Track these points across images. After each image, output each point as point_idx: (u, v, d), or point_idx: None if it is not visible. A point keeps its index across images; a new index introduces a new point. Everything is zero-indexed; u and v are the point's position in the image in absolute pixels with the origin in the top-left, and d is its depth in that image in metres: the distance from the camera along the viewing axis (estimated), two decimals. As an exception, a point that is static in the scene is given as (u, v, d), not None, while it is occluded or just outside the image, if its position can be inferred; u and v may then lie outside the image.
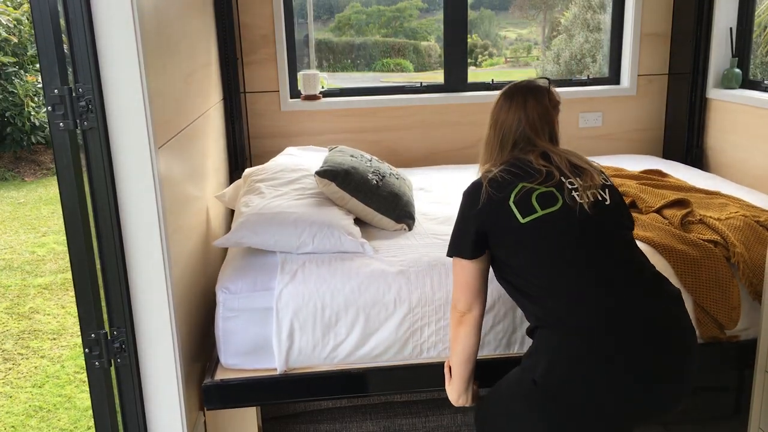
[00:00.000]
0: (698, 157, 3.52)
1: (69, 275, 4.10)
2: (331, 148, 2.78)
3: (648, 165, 3.22)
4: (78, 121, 1.57)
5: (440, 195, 2.91)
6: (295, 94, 3.53)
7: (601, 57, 3.90)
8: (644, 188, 2.65)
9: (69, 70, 1.55)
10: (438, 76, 3.78)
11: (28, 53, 7.21)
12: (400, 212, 2.43)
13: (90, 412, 2.63)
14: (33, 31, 1.90)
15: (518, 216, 1.67)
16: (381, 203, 2.40)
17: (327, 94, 3.59)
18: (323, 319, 2.01)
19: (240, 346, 2.02)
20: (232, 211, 2.85)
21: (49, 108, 1.54)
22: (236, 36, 3.32)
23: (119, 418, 1.76)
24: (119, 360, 1.73)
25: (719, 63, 3.39)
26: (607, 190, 1.76)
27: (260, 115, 3.48)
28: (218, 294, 2.03)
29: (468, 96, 3.61)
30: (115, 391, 1.75)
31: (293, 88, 3.52)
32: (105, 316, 1.70)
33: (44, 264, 4.61)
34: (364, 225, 2.42)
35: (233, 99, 3.27)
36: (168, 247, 1.74)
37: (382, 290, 2.03)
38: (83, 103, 1.56)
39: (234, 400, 2.05)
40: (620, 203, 1.79)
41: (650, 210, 2.47)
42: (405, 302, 2.03)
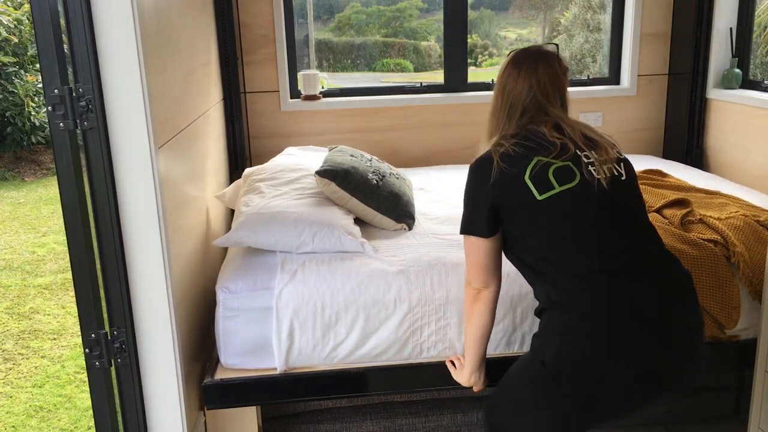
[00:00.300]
0: (698, 157, 3.52)
1: (69, 275, 4.12)
2: (331, 148, 2.78)
3: (648, 165, 3.22)
4: (78, 121, 1.57)
5: (440, 195, 2.91)
6: (295, 94, 3.53)
7: (601, 57, 3.90)
8: (644, 188, 2.65)
9: (69, 70, 1.55)
10: (438, 76, 3.78)
11: (29, 53, 7.21)
12: (400, 212, 2.43)
13: (90, 412, 2.63)
14: (33, 31, 1.90)
15: (535, 192, 1.60)
16: (381, 203, 2.40)
17: (327, 94, 3.59)
18: (323, 319, 2.01)
19: (240, 346, 2.02)
20: (232, 211, 2.85)
21: (49, 108, 1.54)
22: (236, 36, 3.32)
23: (119, 418, 1.76)
24: (119, 360, 1.73)
25: (719, 63, 3.39)
26: (623, 164, 1.69)
27: (260, 115, 3.48)
28: (218, 293, 2.03)
29: (468, 96, 3.61)
30: (115, 391, 1.75)
31: (293, 88, 3.52)
32: (105, 316, 1.70)
33: (44, 264, 4.61)
34: (364, 225, 2.43)
35: (233, 99, 3.27)
36: (168, 247, 1.74)
37: (382, 290, 2.03)
38: (83, 103, 1.56)
39: (234, 400, 2.05)
40: (635, 177, 1.72)
41: (650, 210, 2.47)
42: (405, 302, 2.03)
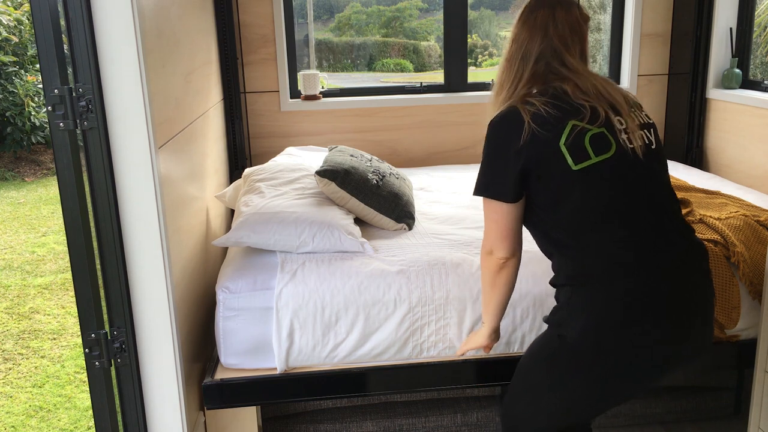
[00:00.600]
0: (698, 157, 3.52)
1: (69, 275, 4.13)
2: (331, 148, 2.78)
3: (648, 165, 3.21)
4: (78, 121, 1.57)
5: (440, 195, 2.91)
6: (295, 94, 3.53)
7: (601, 57, 3.90)
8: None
9: (69, 70, 1.55)
10: (438, 76, 3.78)
11: (29, 53, 7.21)
12: (400, 212, 2.43)
13: (90, 412, 2.64)
14: (33, 31, 1.90)
15: (570, 161, 1.49)
16: (381, 203, 2.40)
17: (327, 94, 3.59)
18: (323, 319, 2.01)
19: (240, 346, 2.02)
20: (232, 211, 2.86)
21: (49, 108, 1.54)
22: (236, 36, 3.32)
23: (119, 418, 1.76)
24: (119, 360, 1.73)
25: (719, 63, 3.39)
26: (652, 131, 1.60)
27: (260, 115, 3.48)
28: (218, 293, 2.03)
29: (468, 96, 3.61)
30: (115, 391, 1.75)
31: (293, 88, 3.52)
32: (105, 316, 1.70)
33: (44, 264, 4.61)
34: (364, 225, 2.43)
35: (233, 99, 3.27)
36: (168, 247, 1.74)
37: (382, 290, 2.03)
38: (83, 103, 1.56)
39: (234, 400, 2.05)
40: (661, 144, 1.62)
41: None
42: (405, 302, 2.03)
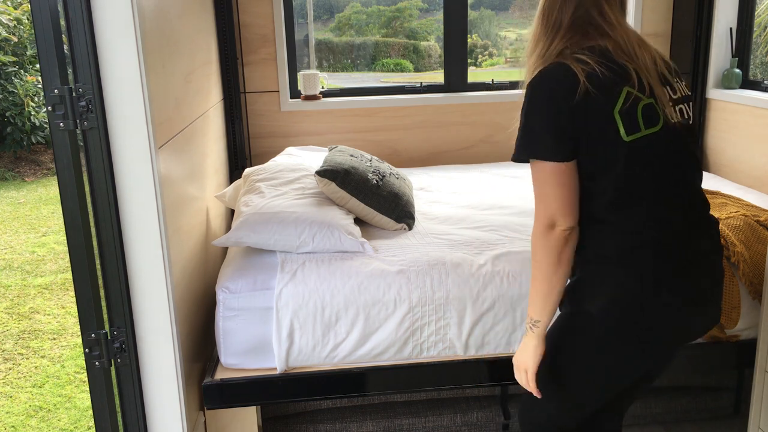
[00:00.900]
0: (698, 157, 3.53)
1: (69, 275, 4.13)
2: (331, 148, 2.78)
3: (648, 165, 3.21)
4: (78, 121, 1.57)
5: (440, 195, 2.91)
6: (295, 94, 3.53)
7: (601, 57, 3.90)
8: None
9: (69, 70, 1.55)
10: (438, 76, 3.78)
11: (28, 53, 7.21)
12: (400, 212, 2.43)
13: (90, 412, 2.64)
14: (33, 31, 1.90)
15: (622, 131, 1.38)
16: (381, 203, 2.40)
17: (327, 94, 3.59)
18: (323, 319, 2.01)
19: (240, 346, 2.02)
20: (232, 211, 2.86)
21: (49, 108, 1.54)
22: (236, 36, 3.32)
23: (119, 418, 1.76)
24: (119, 360, 1.73)
25: (719, 63, 3.39)
26: (690, 105, 1.50)
27: (260, 115, 3.48)
28: (218, 293, 2.03)
29: (468, 96, 3.61)
30: (115, 391, 1.75)
31: (293, 88, 3.52)
32: (105, 316, 1.70)
33: (44, 264, 4.61)
34: (364, 225, 2.43)
35: (233, 99, 3.27)
36: (168, 247, 1.74)
37: (382, 290, 2.03)
38: (83, 103, 1.56)
39: (234, 400, 2.05)
40: (695, 120, 1.55)
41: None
42: (405, 302, 2.03)
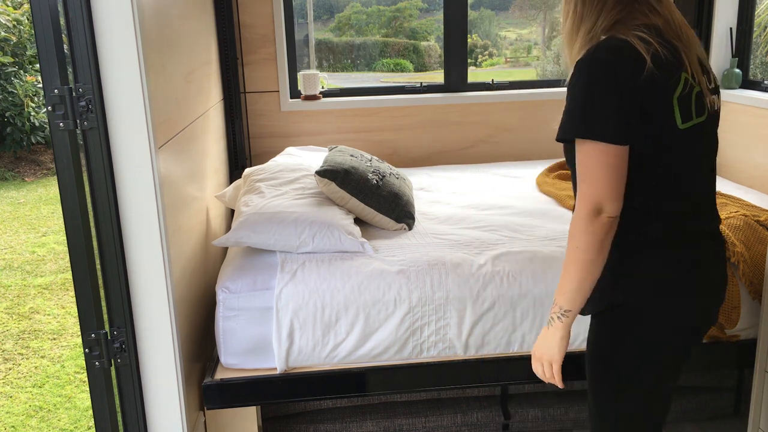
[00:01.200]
0: (698, 157, 3.52)
1: (69, 275, 4.13)
2: (331, 148, 2.78)
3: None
4: (78, 121, 1.57)
5: (440, 195, 2.91)
6: (295, 94, 3.53)
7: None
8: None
9: (69, 70, 1.55)
10: (438, 76, 3.77)
11: (28, 53, 7.21)
12: (400, 212, 2.43)
13: (90, 412, 2.64)
14: (33, 31, 1.90)
15: (678, 118, 1.33)
16: (381, 203, 2.40)
17: (327, 94, 3.59)
18: (323, 319, 2.01)
19: (240, 346, 2.02)
20: (232, 211, 2.86)
21: (49, 108, 1.55)
22: (236, 36, 3.32)
23: (119, 418, 1.76)
24: (119, 360, 1.73)
25: (719, 63, 3.38)
26: (719, 96, 1.46)
27: (260, 115, 3.47)
28: (218, 293, 2.03)
29: (468, 96, 3.61)
30: (115, 391, 1.75)
31: (293, 88, 3.52)
32: (105, 316, 1.70)
33: (44, 264, 4.61)
34: (364, 225, 2.43)
35: (233, 99, 3.27)
36: (168, 247, 1.74)
37: (382, 290, 2.03)
38: (83, 103, 1.56)
39: (234, 400, 2.05)
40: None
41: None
42: (405, 302, 2.03)
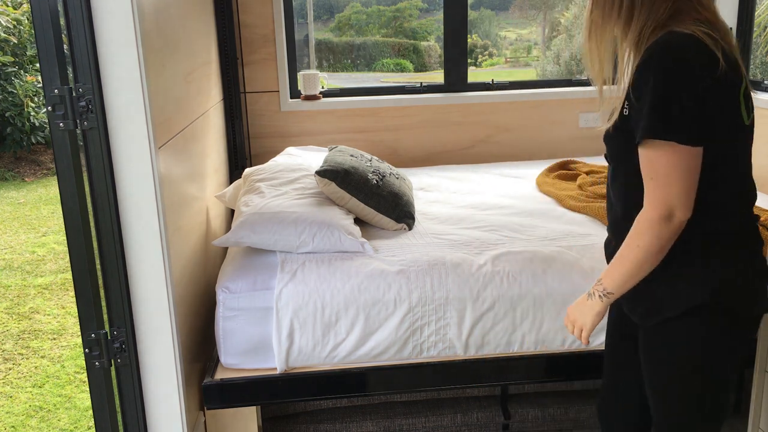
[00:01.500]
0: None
1: (69, 275, 4.13)
2: (331, 148, 2.78)
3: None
4: (78, 121, 1.57)
5: (440, 195, 2.91)
6: (295, 94, 3.53)
7: (601, 57, 3.90)
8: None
9: (69, 70, 1.55)
10: (438, 76, 3.78)
11: (28, 53, 7.21)
12: (400, 212, 2.43)
13: (90, 412, 2.64)
14: (33, 31, 1.90)
15: (744, 114, 1.33)
16: (381, 203, 2.40)
17: (327, 94, 3.59)
18: (323, 319, 2.01)
19: (240, 346, 2.02)
20: (232, 211, 2.86)
21: (49, 108, 1.55)
22: (236, 36, 3.32)
23: (119, 418, 1.76)
24: (119, 360, 1.73)
25: (719, 63, 3.38)
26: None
27: (260, 115, 3.48)
28: (218, 293, 2.03)
29: (468, 96, 3.61)
30: (115, 391, 1.75)
31: (293, 88, 3.52)
32: (105, 316, 1.70)
33: (44, 264, 4.61)
34: (364, 225, 2.43)
35: (233, 99, 3.27)
36: (168, 247, 1.74)
37: (382, 290, 2.03)
38: (83, 103, 1.56)
39: (234, 400, 2.05)
40: None
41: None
42: (405, 302, 2.03)
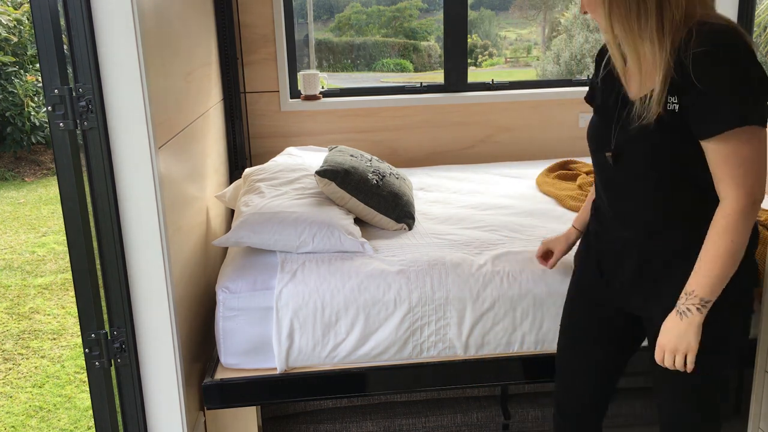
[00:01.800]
0: (698, 157, 3.51)
1: (69, 275, 4.13)
2: (331, 148, 2.78)
3: (648, 165, 3.21)
4: (78, 121, 1.57)
5: (440, 195, 2.91)
6: (295, 94, 3.53)
7: (601, 57, 3.90)
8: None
9: (69, 70, 1.55)
10: (438, 76, 3.78)
11: (28, 53, 7.21)
12: (400, 212, 2.43)
13: (90, 412, 2.64)
14: (33, 31, 1.91)
15: None
16: (381, 203, 2.41)
17: (327, 94, 3.59)
18: (323, 319, 2.01)
19: (240, 346, 2.02)
20: (232, 211, 2.86)
21: (49, 108, 1.55)
22: (236, 36, 3.32)
23: (119, 418, 1.76)
24: (119, 360, 1.73)
25: (719, 63, 3.38)
26: None
27: (260, 115, 3.47)
28: (218, 293, 2.03)
29: (468, 96, 3.61)
30: (115, 391, 1.75)
31: (293, 88, 3.52)
32: (105, 316, 1.70)
33: (44, 264, 4.61)
34: (364, 225, 2.43)
35: (233, 99, 3.27)
36: (168, 247, 1.74)
37: (382, 290, 2.03)
38: (83, 103, 1.56)
39: (234, 400, 2.05)
40: None
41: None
42: (405, 302, 2.03)
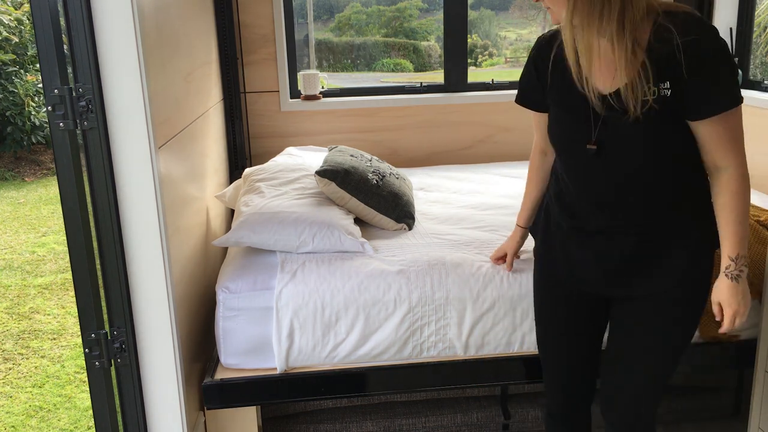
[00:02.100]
0: (698, 157, 3.51)
1: (69, 275, 4.13)
2: (331, 148, 2.78)
3: (648, 165, 3.20)
4: (78, 121, 1.57)
5: (440, 195, 2.91)
6: (295, 94, 3.53)
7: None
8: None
9: (69, 70, 1.55)
10: (438, 76, 3.78)
11: (29, 53, 7.21)
12: (400, 212, 2.43)
13: (90, 412, 2.64)
14: (33, 31, 1.90)
15: None
16: (381, 203, 2.41)
17: (327, 94, 3.59)
18: (323, 319, 2.01)
19: (240, 346, 2.02)
20: (232, 211, 2.86)
21: (49, 108, 1.55)
22: (236, 36, 3.32)
23: (119, 418, 1.76)
24: (119, 360, 1.73)
25: (719, 63, 3.38)
26: None
27: (260, 115, 3.48)
28: (218, 293, 2.03)
29: (468, 96, 3.61)
30: (115, 391, 1.75)
31: (293, 88, 3.52)
32: (105, 316, 1.70)
33: (44, 264, 4.61)
34: (364, 225, 2.43)
35: (233, 99, 3.27)
36: (168, 247, 1.74)
37: (382, 290, 2.03)
38: (83, 103, 1.56)
39: (234, 400, 2.05)
40: None
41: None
42: (405, 302, 2.03)
